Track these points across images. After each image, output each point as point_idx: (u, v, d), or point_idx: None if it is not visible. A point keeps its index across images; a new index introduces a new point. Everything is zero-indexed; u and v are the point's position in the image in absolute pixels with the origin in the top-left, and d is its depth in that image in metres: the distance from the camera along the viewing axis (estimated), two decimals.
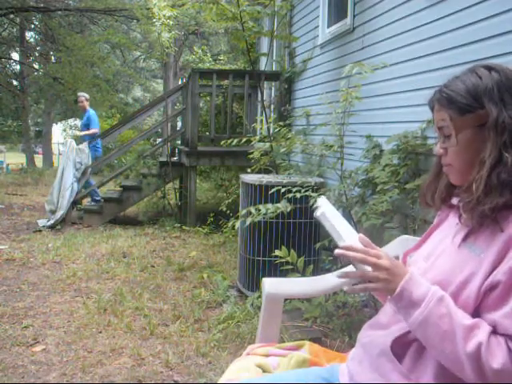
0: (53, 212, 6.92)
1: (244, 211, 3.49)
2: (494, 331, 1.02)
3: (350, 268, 1.30)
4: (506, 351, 0.98)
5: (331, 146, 3.98)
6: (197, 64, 12.76)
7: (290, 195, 3.39)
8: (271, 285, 1.77)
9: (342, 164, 3.73)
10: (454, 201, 1.24)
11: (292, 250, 3.29)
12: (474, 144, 1.12)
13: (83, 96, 7.91)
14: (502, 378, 0.97)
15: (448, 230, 1.22)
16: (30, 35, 18.80)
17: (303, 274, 3.16)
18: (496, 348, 0.99)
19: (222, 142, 5.09)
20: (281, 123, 4.83)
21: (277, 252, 3.29)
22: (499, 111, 1.08)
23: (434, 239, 1.27)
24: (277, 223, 3.77)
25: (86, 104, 7.94)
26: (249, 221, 3.38)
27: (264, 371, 1.43)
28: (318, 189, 3.72)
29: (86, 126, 7.77)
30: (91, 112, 7.86)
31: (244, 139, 4.78)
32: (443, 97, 1.16)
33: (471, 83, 1.13)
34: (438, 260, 1.17)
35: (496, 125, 1.08)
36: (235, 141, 4.80)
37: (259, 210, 3.36)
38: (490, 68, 1.14)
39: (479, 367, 0.98)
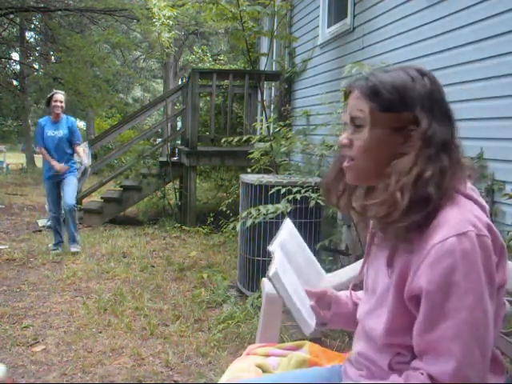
0: None
1: (244, 213, 3.49)
2: (412, 372, 1.00)
3: None
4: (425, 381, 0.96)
5: (331, 146, 3.98)
6: (197, 64, 12.78)
7: (291, 197, 3.39)
8: (271, 285, 1.76)
9: None
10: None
11: None
12: (385, 144, 1.05)
13: (62, 95, 5.40)
14: None
15: (378, 247, 1.15)
16: (30, 35, 18.81)
17: None
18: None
19: (223, 141, 5.09)
20: (281, 123, 4.83)
21: None
22: (429, 122, 1.02)
23: (372, 264, 1.20)
24: (277, 223, 3.76)
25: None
26: (249, 222, 3.37)
27: (264, 371, 1.43)
28: (318, 189, 3.72)
29: (68, 141, 5.35)
30: (71, 119, 5.54)
31: (244, 138, 4.78)
32: (368, 86, 1.07)
33: (401, 81, 1.05)
34: (375, 302, 1.12)
35: (425, 136, 1.01)
36: (235, 139, 4.80)
37: (259, 211, 3.36)
38: (422, 73, 1.07)
39: None
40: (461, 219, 0.98)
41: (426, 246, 0.98)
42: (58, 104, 5.34)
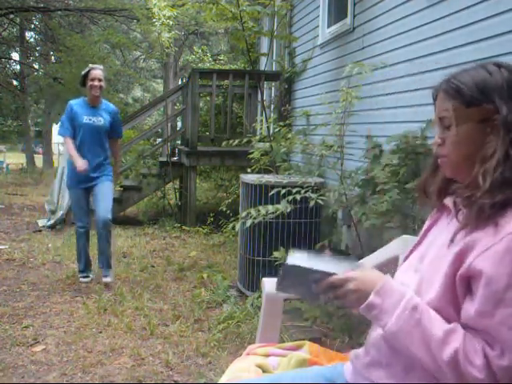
0: (53, 212, 6.92)
1: (244, 213, 3.49)
2: (470, 333, 1.01)
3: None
4: (482, 359, 0.97)
5: (331, 146, 3.98)
6: (197, 64, 12.77)
7: (290, 197, 3.39)
8: (271, 285, 1.77)
9: (342, 164, 3.73)
10: (447, 201, 1.22)
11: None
12: (473, 138, 1.11)
13: (102, 71, 4.16)
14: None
15: (440, 231, 1.21)
16: (30, 35, 18.80)
17: None
18: (473, 355, 0.98)
19: (224, 143, 5.09)
20: (281, 123, 4.83)
21: (276, 253, 3.29)
22: (509, 109, 1.07)
23: (427, 240, 1.25)
24: (277, 223, 3.78)
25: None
26: (249, 222, 3.37)
27: (264, 371, 1.43)
28: (318, 189, 3.72)
29: (107, 134, 4.25)
30: (113, 106, 4.40)
31: (244, 140, 4.78)
32: (450, 87, 1.14)
33: (480, 77, 1.11)
34: (428, 263, 1.15)
35: (506, 122, 1.06)
36: (236, 141, 4.80)
37: (259, 211, 3.36)
38: (499, 65, 1.13)
39: (460, 375, 0.98)
40: None
41: (500, 232, 1.00)
42: (96, 83, 4.03)
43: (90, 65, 4.21)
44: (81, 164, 3.93)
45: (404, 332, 1.04)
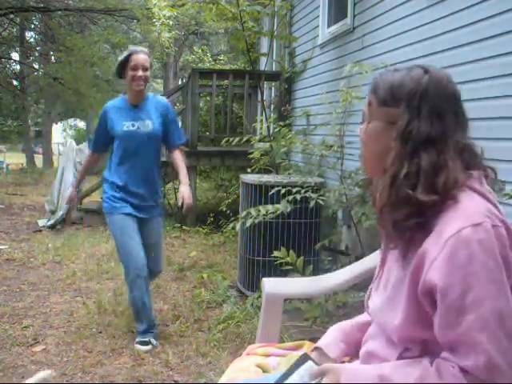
0: (53, 212, 6.92)
1: (244, 213, 3.49)
2: (443, 361, 0.99)
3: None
4: (462, 379, 0.95)
5: (331, 146, 3.98)
6: (197, 64, 12.76)
7: (291, 197, 3.39)
8: (271, 285, 1.77)
9: (342, 164, 3.73)
10: None
11: (292, 250, 3.28)
12: (381, 138, 1.09)
13: (147, 55, 2.99)
14: None
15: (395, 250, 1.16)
16: (30, 35, 18.80)
17: (303, 274, 3.16)
18: (454, 380, 0.96)
19: (223, 142, 5.08)
20: (281, 123, 4.83)
21: (276, 253, 3.29)
22: (410, 118, 1.05)
23: (390, 258, 1.19)
24: (277, 223, 3.77)
25: None
26: (249, 222, 3.38)
27: (264, 371, 1.43)
28: (318, 189, 3.72)
29: (172, 139, 3.16)
30: (163, 99, 3.38)
31: (244, 139, 4.78)
32: (372, 84, 1.15)
33: (399, 79, 1.10)
34: (390, 286, 1.12)
35: (403, 132, 1.04)
36: (235, 140, 4.80)
37: (259, 211, 3.36)
38: (426, 70, 1.10)
39: None
40: (475, 211, 0.99)
41: (441, 239, 0.98)
42: (140, 73, 2.87)
43: (131, 47, 3.02)
44: (69, 194, 3.31)
45: None
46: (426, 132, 1.04)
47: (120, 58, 2.97)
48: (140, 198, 3.03)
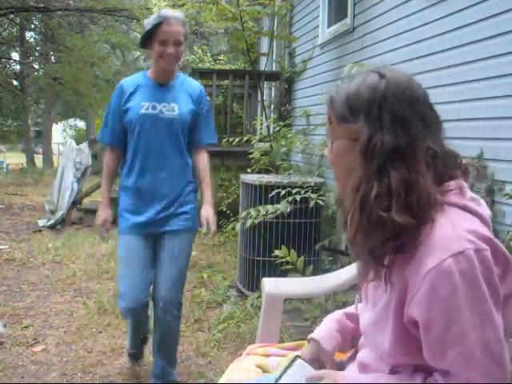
0: (53, 212, 6.92)
1: (244, 213, 3.49)
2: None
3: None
4: None
5: None
6: (197, 64, 12.75)
7: (291, 198, 3.39)
8: (271, 285, 1.77)
9: None
10: None
11: (292, 250, 3.29)
12: (347, 157, 1.00)
13: (181, 23, 2.29)
14: None
15: None
16: (30, 35, 18.80)
17: (303, 274, 3.16)
18: None
19: (223, 142, 5.08)
20: (281, 123, 4.84)
21: (277, 252, 3.29)
22: (372, 132, 0.95)
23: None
24: (277, 223, 3.77)
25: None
26: (249, 223, 3.38)
27: (264, 371, 1.43)
28: (318, 189, 3.72)
29: (199, 135, 2.45)
30: (196, 83, 2.55)
31: (244, 139, 4.78)
32: (329, 97, 1.05)
33: (354, 91, 1.00)
34: (377, 309, 1.08)
35: (366, 149, 0.94)
36: (236, 140, 4.80)
37: (259, 211, 3.36)
38: (382, 75, 1.00)
39: None
40: (455, 237, 0.92)
41: (421, 271, 0.92)
42: (171, 50, 2.23)
43: (163, 11, 2.25)
44: (101, 215, 2.42)
45: None
46: (390, 144, 0.93)
47: (147, 26, 2.22)
48: (160, 208, 2.31)
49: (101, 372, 2.74)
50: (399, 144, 0.93)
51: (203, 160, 2.45)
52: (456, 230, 0.93)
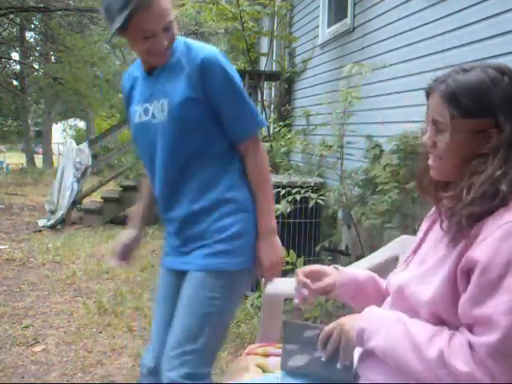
0: (53, 212, 6.92)
1: None
2: (458, 332, 1.01)
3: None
4: (467, 350, 0.97)
5: (331, 146, 3.98)
6: None
7: (290, 198, 3.40)
8: (271, 285, 1.77)
9: (341, 164, 3.73)
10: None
11: (292, 250, 3.28)
12: (465, 148, 1.08)
13: None
14: (474, 379, 0.96)
15: (439, 232, 1.17)
16: (30, 35, 18.80)
17: None
18: (459, 349, 0.98)
19: None
20: (281, 123, 4.84)
21: None
22: (510, 127, 1.03)
23: (427, 243, 1.22)
24: (277, 223, 3.77)
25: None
26: None
27: (264, 371, 1.43)
28: (318, 189, 3.72)
29: (229, 126, 1.59)
30: (210, 50, 1.55)
31: None
32: (448, 91, 1.07)
33: (481, 86, 1.05)
34: (430, 264, 1.12)
35: (507, 141, 1.03)
36: None
37: None
38: (502, 72, 1.06)
39: (449, 372, 0.97)
40: None
41: (496, 222, 0.99)
42: (159, 41, 1.47)
43: None
44: (115, 251, 1.85)
45: (394, 344, 1.05)
46: None
47: (113, 23, 1.45)
48: (174, 235, 1.68)
49: (101, 372, 2.74)
50: None
51: (248, 161, 1.62)
52: None
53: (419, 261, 1.18)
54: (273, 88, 7.38)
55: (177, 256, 1.68)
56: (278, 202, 3.54)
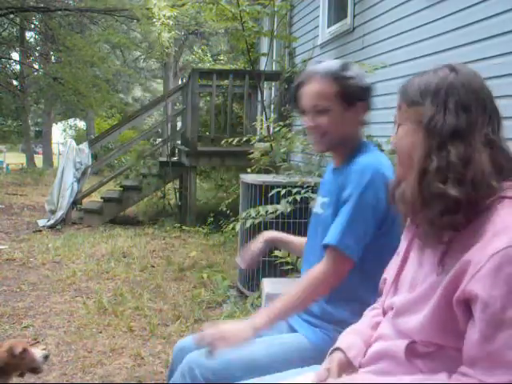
0: (53, 212, 6.92)
1: (244, 213, 3.49)
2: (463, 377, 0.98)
3: None
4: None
5: None
6: (197, 64, 12.78)
7: (291, 198, 3.39)
8: (271, 285, 1.77)
9: None
10: None
11: None
12: (411, 138, 1.09)
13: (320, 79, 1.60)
14: None
15: (422, 248, 1.14)
16: (29, 35, 18.82)
17: None
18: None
19: (223, 142, 5.08)
20: (281, 123, 4.83)
21: (276, 252, 3.29)
22: (436, 112, 1.04)
23: (412, 258, 1.17)
24: (277, 223, 3.77)
25: None
26: (249, 223, 3.38)
27: None
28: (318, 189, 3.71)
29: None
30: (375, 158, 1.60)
31: (244, 139, 4.78)
32: (401, 86, 1.14)
33: (425, 80, 1.10)
34: (419, 285, 1.09)
35: (428, 125, 1.04)
36: (236, 140, 4.80)
37: (258, 212, 3.36)
38: (452, 68, 1.11)
39: None
40: None
41: (486, 250, 0.95)
42: (308, 122, 1.62)
43: (309, 66, 1.73)
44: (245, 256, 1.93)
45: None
46: (452, 124, 1.03)
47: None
48: None
49: (101, 372, 2.74)
50: (460, 125, 1.03)
51: (319, 264, 1.50)
52: None
53: (411, 280, 1.14)
54: (273, 88, 7.38)
55: None
56: (278, 202, 3.54)
